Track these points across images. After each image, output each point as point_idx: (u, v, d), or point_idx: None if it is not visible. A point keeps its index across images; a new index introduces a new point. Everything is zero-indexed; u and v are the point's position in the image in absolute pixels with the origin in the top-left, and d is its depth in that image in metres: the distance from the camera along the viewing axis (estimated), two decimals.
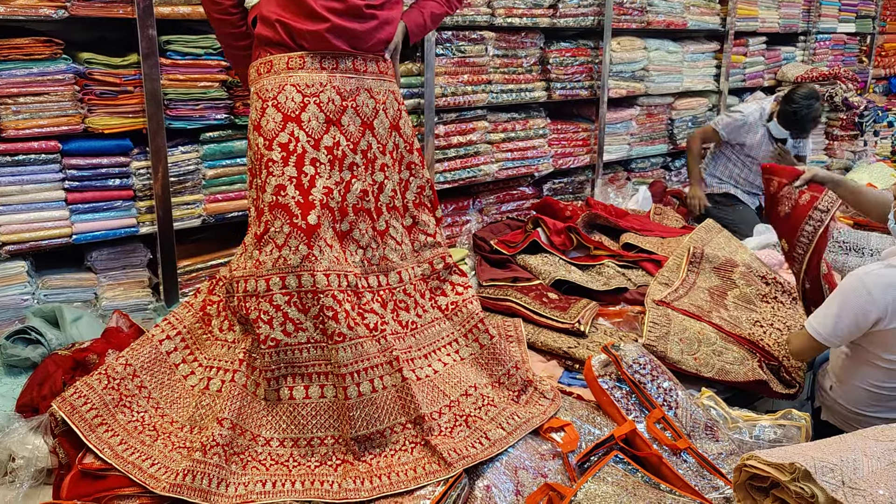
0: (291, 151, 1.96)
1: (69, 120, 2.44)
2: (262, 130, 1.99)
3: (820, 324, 2.29)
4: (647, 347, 2.46)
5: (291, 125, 1.98)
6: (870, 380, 2.32)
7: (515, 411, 2.07)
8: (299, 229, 1.93)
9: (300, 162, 1.97)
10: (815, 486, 1.52)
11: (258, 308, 1.93)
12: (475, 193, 3.81)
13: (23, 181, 2.40)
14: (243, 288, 1.96)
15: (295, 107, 1.99)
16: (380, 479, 1.78)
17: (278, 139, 1.97)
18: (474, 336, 2.24)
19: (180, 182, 2.70)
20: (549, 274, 3.14)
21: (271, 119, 1.98)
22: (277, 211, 1.94)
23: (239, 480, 1.77)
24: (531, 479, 1.91)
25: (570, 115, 4.25)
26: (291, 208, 1.94)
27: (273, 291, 1.93)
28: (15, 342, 2.23)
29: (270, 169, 1.96)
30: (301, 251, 1.92)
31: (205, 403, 1.93)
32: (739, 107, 4.23)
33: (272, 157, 1.96)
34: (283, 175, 1.95)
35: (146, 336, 2.09)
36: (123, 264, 2.67)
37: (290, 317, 1.92)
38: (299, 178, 1.96)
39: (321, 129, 2.01)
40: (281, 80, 2.00)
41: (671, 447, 2.06)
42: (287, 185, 1.95)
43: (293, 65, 2.01)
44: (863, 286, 2.20)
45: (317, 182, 1.97)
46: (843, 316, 2.23)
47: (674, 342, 2.56)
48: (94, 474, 1.80)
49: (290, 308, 1.92)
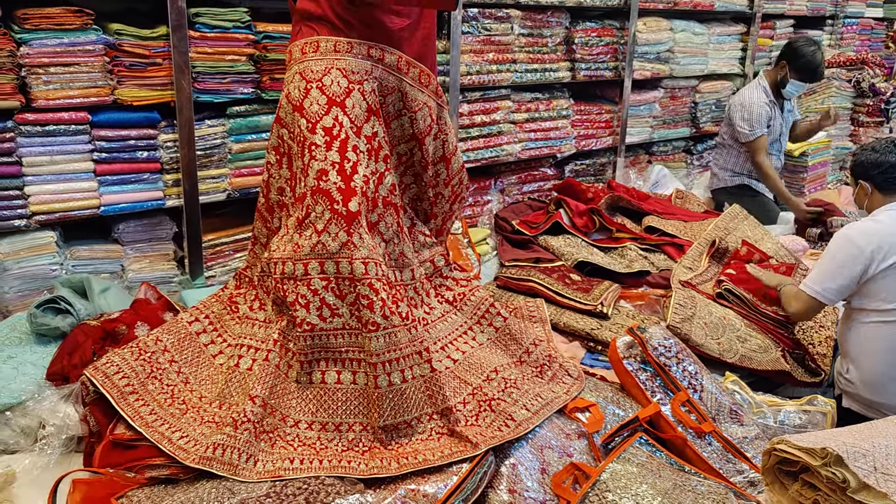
0: (335, 136, 1.95)
1: (99, 91, 2.44)
2: (305, 112, 1.97)
3: (815, 282, 2.45)
4: (670, 329, 2.46)
5: (336, 110, 1.96)
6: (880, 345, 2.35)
7: (539, 392, 2.08)
8: (340, 215, 1.91)
9: (343, 147, 1.95)
10: (846, 471, 1.52)
11: (296, 291, 1.92)
12: (497, 173, 3.79)
13: (53, 152, 2.41)
14: (280, 270, 1.95)
15: (340, 91, 1.97)
16: (406, 459, 1.79)
17: (322, 123, 1.95)
18: (487, 321, 2.24)
19: (206, 156, 2.70)
20: (572, 255, 3.13)
21: (315, 101, 1.96)
22: (319, 196, 1.93)
23: (267, 458, 1.78)
24: (557, 458, 1.91)
25: (592, 96, 4.21)
26: (333, 194, 1.92)
27: (311, 276, 1.92)
28: (45, 311, 2.25)
29: (313, 153, 1.94)
30: (340, 238, 1.91)
31: (235, 380, 1.94)
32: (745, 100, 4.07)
33: (315, 141, 1.94)
34: (326, 160, 1.93)
35: (175, 319, 2.12)
36: (150, 237, 2.68)
37: (326, 302, 1.92)
38: (342, 164, 1.94)
39: (363, 118, 2.00)
40: (328, 63, 1.98)
41: (696, 430, 2.06)
42: (329, 171, 1.93)
43: (340, 48, 1.99)
44: (846, 238, 2.38)
45: (358, 169, 1.96)
46: (834, 270, 2.39)
47: (698, 326, 2.55)
48: (125, 444, 1.81)
49: (327, 293, 1.92)
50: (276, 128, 2.10)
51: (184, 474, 1.74)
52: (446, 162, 2.32)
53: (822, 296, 2.45)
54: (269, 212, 2.19)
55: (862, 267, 2.35)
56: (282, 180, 2.12)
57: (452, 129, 2.34)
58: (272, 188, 2.15)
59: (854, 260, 2.36)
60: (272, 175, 2.14)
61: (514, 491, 1.80)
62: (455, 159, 2.35)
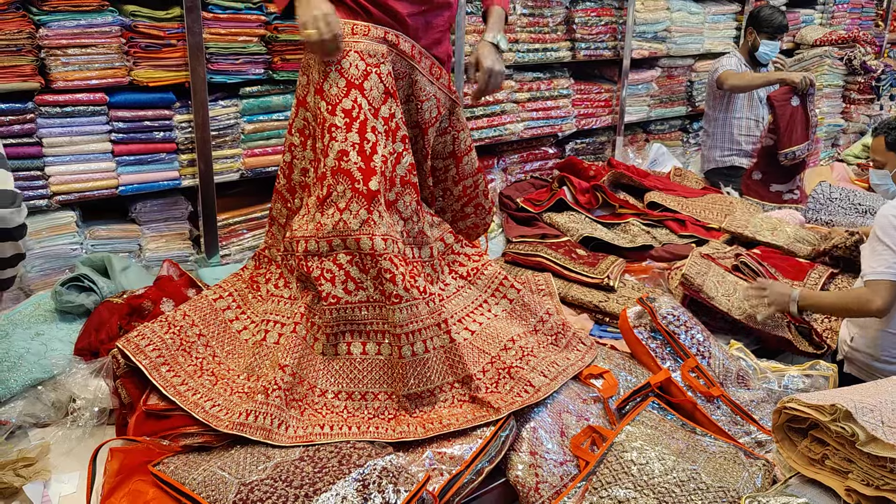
0: (354, 118, 2.00)
1: (115, 72, 2.47)
2: (325, 95, 2.02)
3: (889, 265, 2.27)
4: (684, 279, 2.58)
5: (355, 92, 2.01)
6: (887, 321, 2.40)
7: (555, 359, 2.15)
8: (360, 194, 1.97)
9: (363, 129, 2.00)
10: (855, 426, 1.60)
11: (321, 266, 1.98)
12: (500, 153, 3.85)
13: (72, 132, 2.44)
14: (304, 248, 2.01)
15: (358, 74, 2.02)
16: (431, 425, 1.86)
17: (342, 105, 2.00)
18: (502, 293, 2.31)
19: (220, 136, 2.74)
20: (577, 231, 3.20)
21: (335, 84, 2.01)
22: (340, 176, 1.98)
23: (298, 424, 1.84)
24: (574, 421, 1.99)
25: (592, 75, 4.27)
26: (353, 173, 1.97)
27: (336, 251, 1.98)
28: (69, 289, 2.29)
29: (333, 134, 1.99)
30: (361, 215, 1.96)
31: (263, 353, 1.99)
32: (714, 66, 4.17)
33: (335, 123, 2.00)
34: (347, 141, 1.99)
35: (201, 295, 2.18)
36: (166, 216, 2.72)
37: (351, 276, 1.98)
38: (362, 145, 1.99)
39: (380, 99, 2.05)
40: (345, 46, 2.02)
41: (705, 394, 2.14)
42: (350, 151, 1.99)
43: (357, 31, 2.04)
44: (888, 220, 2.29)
45: (377, 149, 2.01)
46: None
47: (711, 281, 2.64)
48: (158, 414, 1.87)
49: (351, 267, 1.97)
50: (301, 110, 2.15)
51: (217, 441, 1.80)
52: (456, 159, 2.37)
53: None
54: (290, 192, 2.24)
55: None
56: (306, 161, 2.16)
57: (467, 129, 2.38)
58: (295, 169, 2.20)
59: None
60: (296, 156, 2.19)
61: (536, 453, 1.88)
62: (467, 159, 2.39)
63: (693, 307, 2.61)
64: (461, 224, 2.51)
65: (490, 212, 2.56)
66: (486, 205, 2.53)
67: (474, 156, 2.42)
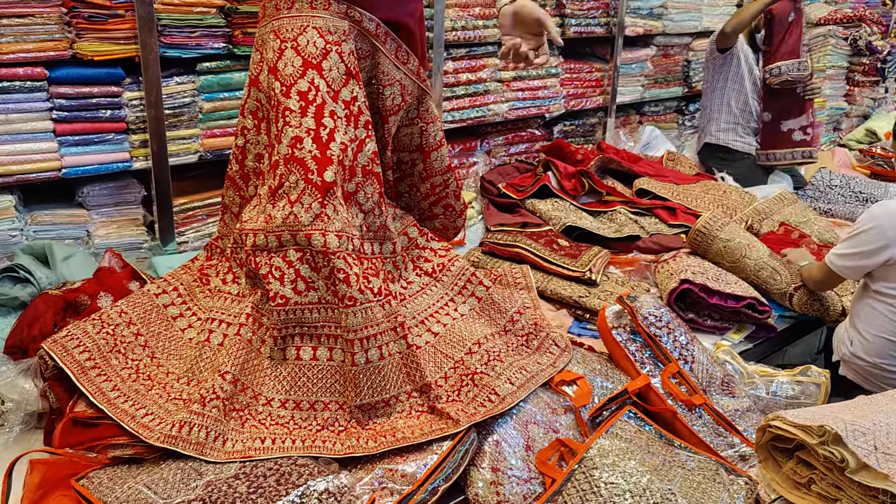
0: (310, 101, 1.81)
1: (56, 45, 2.28)
2: (280, 75, 1.83)
3: (836, 256, 2.36)
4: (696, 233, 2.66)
5: (312, 72, 1.82)
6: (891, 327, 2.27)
7: (524, 364, 1.99)
8: (314, 185, 1.79)
9: (319, 113, 1.82)
10: (845, 451, 1.45)
11: (269, 263, 1.81)
12: (483, 134, 3.66)
13: (8, 110, 2.26)
14: (252, 242, 1.83)
15: (316, 53, 1.83)
16: (384, 438, 1.71)
17: (297, 87, 1.82)
18: (469, 291, 2.15)
19: (175, 115, 2.56)
20: (560, 220, 3.03)
21: (290, 63, 1.83)
22: (293, 164, 1.80)
23: (237, 437, 1.69)
24: (542, 434, 1.83)
25: (582, 53, 4.07)
26: (307, 163, 1.80)
27: (285, 248, 1.81)
28: (2, 280, 2.14)
29: (287, 119, 1.81)
30: (314, 209, 1.79)
31: (205, 356, 1.84)
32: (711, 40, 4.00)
33: (289, 106, 1.81)
34: (301, 127, 1.81)
35: (142, 291, 2.01)
36: (117, 201, 2.55)
37: (301, 274, 1.81)
38: (318, 131, 1.81)
39: (341, 81, 1.86)
40: (303, 22, 1.83)
41: (686, 403, 1.99)
42: (304, 138, 1.80)
43: (317, 4, 1.85)
44: (871, 217, 2.26)
45: (335, 136, 1.83)
46: (855, 247, 2.29)
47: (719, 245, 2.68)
48: (86, 422, 1.72)
49: (302, 265, 1.81)
50: (254, 91, 1.96)
51: (148, 454, 1.65)
52: (423, 154, 2.20)
53: (840, 270, 2.36)
54: (243, 179, 2.07)
55: (883, 246, 2.23)
56: (260, 146, 1.99)
57: (438, 122, 2.20)
58: (249, 154, 2.03)
59: (875, 241, 2.24)
60: (249, 140, 2.01)
61: (498, 469, 1.72)
62: (436, 155, 2.22)
63: (680, 303, 2.46)
64: (428, 225, 2.34)
65: (462, 215, 2.40)
66: (456, 207, 2.36)
67: (445, 153, 2.25)
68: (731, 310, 2.48)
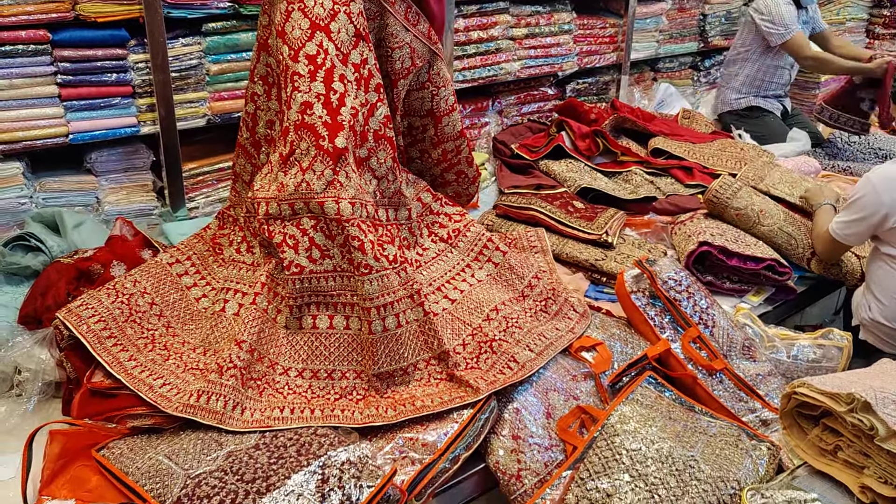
0: (319, 65, 1.76)
1: (58, 6, 2.22)
2: (287, 38, 1.78)
3: (838, 225, 2.34)
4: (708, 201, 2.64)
5: (320, 35, 1.76)
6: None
7: (543, 331, 1.96)
8: (325, 152, 1.75)
9: (329, 77, 1.76)
10: (875, 419, 1.42)
11: (283, 232, 1.78)
12: (495, 94, 3.59)
13: (12, 74, 2.21)
14: (265, 211, 1.80)
15: (324, 14, 1.77)
16: (403, 406, 1.69)
17: (305, 50, 1.76)
18: (486, 256, 2.11)
19: (182, 78, 2.50)
20: (574, 181, 2.98)
21: (297, 25, 1.77)
22: (303, 131, 1.76)
23: (255, 406, 1.68)
24: (562, 401, 1.82)
25: (596, 8, 3.95)
26: (318, 129, 1.75)
27: (300, 216, 1.77)
28: (14, 249, 2.11)
29: (296, 83, 1.76)
30: (326, 176, 1.75)
31: (221, 326, 1.82)
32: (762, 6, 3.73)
33: (298, 71, 1.76)
34: (311, 92, 1.75)
35: (154, 260, 1.99)
36: (125, 167, 2.51)
37: (316, 242, 1.77)
38: (328, 96, 1.76)
39: (350, 43, 1.80)
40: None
41: (707, 367, 1.96)
42: (314, 103, 1.75)
43: None
44: (869, 182, 2.24)
45: (346, 101, 1.78)
46: (855, 214, 2.28)
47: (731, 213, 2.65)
48: (104, 392, 1.71)
49: (316, 233, 1.77)
50: (263, 55, 1.91)
51: (167, 424, 1.64)
52: (435, 118, 2.15)
53: (843, 238, 2.33)
54: (254, 147, 2.02)
55: (883, 213, 2.20)
56: (271, 113, 1.94)
57: (450, 86, 2.14)
58: (260, 121, 1.98)
59: (874, 207, 2.21)
60: (259, 107, 1.96)
61: (518, 437, 1.71)
62: (448, 120, 2.17)
63: (699, 265, 2.42)
64: (440, 192, 2.29)
65: (474, 182, 2.35)
66: (469, 174, 2.31)
67: (457, 118, 2.20)
68: (750, 272, 2.43)
